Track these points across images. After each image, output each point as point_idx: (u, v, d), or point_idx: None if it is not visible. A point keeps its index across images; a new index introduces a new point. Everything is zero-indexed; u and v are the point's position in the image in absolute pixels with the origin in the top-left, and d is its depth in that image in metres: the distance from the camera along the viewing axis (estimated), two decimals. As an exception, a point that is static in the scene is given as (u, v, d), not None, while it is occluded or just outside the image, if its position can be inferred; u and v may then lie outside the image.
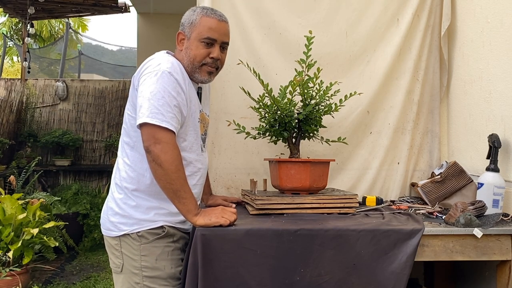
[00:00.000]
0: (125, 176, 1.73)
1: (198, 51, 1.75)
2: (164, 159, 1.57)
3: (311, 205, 1.95)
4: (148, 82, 1.62)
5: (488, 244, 1.80)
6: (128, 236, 1.70)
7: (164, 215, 1.72)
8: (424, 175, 2.53)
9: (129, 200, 1.71)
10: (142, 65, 1.72)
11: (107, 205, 1.79)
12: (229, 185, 2.42)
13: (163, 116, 1.59)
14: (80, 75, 10.09)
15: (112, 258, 1.77)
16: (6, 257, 3.44)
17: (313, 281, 1.67)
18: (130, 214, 1.70)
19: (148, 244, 1.69)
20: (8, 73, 13.25)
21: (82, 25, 14.65)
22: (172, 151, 1.60)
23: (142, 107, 1.60)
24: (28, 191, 4.90)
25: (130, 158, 1.74)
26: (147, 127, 1.59)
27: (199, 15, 1.76)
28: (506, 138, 2.05)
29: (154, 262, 1.69)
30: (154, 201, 1.71)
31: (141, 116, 1.59)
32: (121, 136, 1.81)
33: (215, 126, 2.38)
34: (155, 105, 1.58)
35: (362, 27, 2.46)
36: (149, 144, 1.58)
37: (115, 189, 1.77)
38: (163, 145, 1.58)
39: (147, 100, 1.60)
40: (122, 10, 6.56)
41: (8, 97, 6.69)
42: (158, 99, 1.59)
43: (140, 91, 1.64)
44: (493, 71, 2.16)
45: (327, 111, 2.09)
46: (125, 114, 1.78)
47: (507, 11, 2.06)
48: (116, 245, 1.73)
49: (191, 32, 1.75)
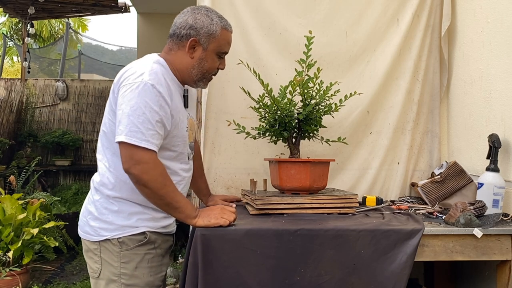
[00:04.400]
0: (106, 181, 1.66)
1: (214, 64, 1.70)
2: (147, 180, 1.52)
3: (311, 205, 1.95)
4: (129, 95, 1.52)
5: (488, 244, 1.80)
6: (109, 241, 1.64)
7: (147, 220, 1.66)
8: (424, 175, 2.53)
9: (110, 205, 1.65)
10: (124, 71, 1.61)
11: (86, 208, 1.71)
12: (229, 185, 2.42)
13: (143, 135, 1.50)
14: (80, 75, 10.09)
15: (89, 262, 1.70)
16: (6, 257, 3.44)
17: (313, 281, 1.67)
18: (111, 220, 1.64)
19: (129, 251, 1.63)
20: (8, 73, 13.24)
21: (82, 25, 14.65)
22: (154, 170, 1.53)
23: (121, 123, 1.52)
24: (28, 191, 4.90)
25: (111, 164, 1.65)
26: (125, 147, 1.52)
27: (219, 27, 1.67)
28: (506, 138, 2.05)
29: (133, 269, 1.64)
30: (137, 206, 1.64)
31: (120, 133, 1.51)
32: (100, 138, 1.71)
33: (215, 126, 2.38)
34: (135, 122, 1.50)
35: (362, 27, 2.46)
36: (128, 166, 1.52)
37: (95, 193, 1.69)
38: (142, 166, 1.51)
39: (127, 116, 1.51)
40: (122, 10, 6.56)
41: (8, 97, 6.70)
42: (138, 116, 1.51)
43: (119, 103, 1.55)
44: (493, 71, 2.16)
45: (327, 111, 2.09)
46: (105, 118, 1.67)
47: (507, 11, 2.06)
48: (95, 249, 1.66)
49: (209, 43, 1.66)
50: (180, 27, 1.66)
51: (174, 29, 1.68)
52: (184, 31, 1.66)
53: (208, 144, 2.38)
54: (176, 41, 1.68)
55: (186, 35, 1.65)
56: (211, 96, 2.37)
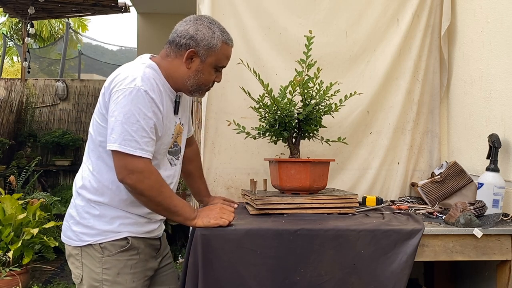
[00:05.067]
0: (88, 185, 1.63)
1: (210, 77, 1.67)
2: (142, 189, 1.51)
3: (311, 205, 1.95)
4: (122, 102, 1.49)
5: (488, 244, 1.80)
6: (90, 246, 1.61)
7: (130, 225, 1.63)
8: (424, 175, 2.53)
9: (91, 209, 1.62)
10: (115, 75, 1.57)
11: (69, 212, 1.69)
12: (229, 185, 2.42)
13: (137, 143, 1.49)
14: (80, 75, 10.09)
15: (71, 267, 1.67)
16: (6, 257, 3.44)
17: (313, 281, 1.67)
18: (93, 225, 1.61)
19: (111, 257, 1.60)
20: (8, 73, 13.25)
21: (82, 25, 14.66)
22: (149, 178, 1.52)
23: (114, 131, 1.49)
24: (28, 191, 4.91)
25: (95, 167, 1.62)
26: (119, 156, 1.50)
27: (220, 41, 1.63)
28: (506, 138, 2.05)
29: (115, 276, 1.61)
30: (119, 210, 1.62)
31: (113, 141, 1.49)
32: (87, 143, 1.68)
33: (215, 126, 2.38)
34: (129, 131, 1.48)
35: (362, 27, 2.46)
36: (123, 176, 1.50)
37: (77, 197, 1.66)
38: (137, 175, 1.49)
39: (120, 124, 1.48)
40: (122, 10, 6.57)
41: (8, 97, 6.70)
42: (132, 124, 1.48)
43: (112, 110, 1.51)
44: (493, 71, 2.16)
45: (327, 111, 2.09)
46: (93, 120, 1.63)
47: (507, 11, 2.06)
48: (77, 255, 1.64)
49: (207, 56, 1.63)
50: (181, 36, 1.62)
51: (174, 36, 1.64)
52: (184, 40, 1.62)
53: (208, 144, 2.38)
54: (175, 49, 1.64)
55: (185, 44, 1.62)
56: (211, 96, 2.37)
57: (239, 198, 2.31)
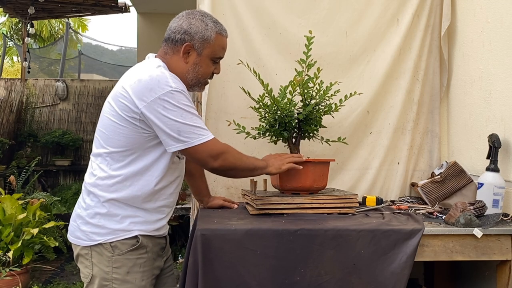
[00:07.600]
0: (101, 183, 1.63)
1: (208, 69, 1.71)
2: (229, 165, 1.68)
3: (311, 205, 1.95)
4: (170, 108, 1.55)
5: (488, 244, 1.80)
6: (101, 246, 1.62)
7: (140, 223, 1.65)
8: (424, 175, 2.53)
9: (101, 209, 1.62)
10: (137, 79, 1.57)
11: (77, 212, 1.69)
12: (229, 185, 2.41)
13: (203, 129, 1.61)
14: (80, 75, 10.09)
15: (80, 267, 1.68)
16: (6, 257, 3.44)
17: (313, 281, 1.67)
18: (104, 224, 1.62)
19: (121, 256, 1.62)
20: (8, 73, 13.25)
21: (82, 25, 14.65)
22: (229, 152, 1.68)
23: (182, 132, 1.57)
24: (28, 191, 4.91)
25: (111, 167, 1.63)
26: (199, 150, 1.60)
27: (214, 33, 1.67)
28: (506, 138, 2.05)
29: (125, 274, 1.62)
30: (129, 209, 1.63)
31: (188, 140, 1.57)
32: (96, 139, 1.67)
33: (215, 126, 2.38)
34: (192, 125, 1.58)
35: (362, 27, 2.46)
36: (212, 164, 1.64)
37: (87, 196, 1.66)
38: (221, 156, 1.65)
39: (182, 125, 1.57)
40: (122, 10, 6.57)
41: (8, 97, 6.70)
42: (190, 118, 1.58)
43: (163, 119, 1.55)
44: (493, 71, 2.16)
45: (327, 111, 2.09)
46: (105, 119, 1.63)
47: (507, 11, 2.06)
48: (87, 254, 1.64)
49: (203, 49, 1.67)
50: (175, 32, 1.66)
51: (169, 33, 1.68)
52: (179, 36, 1.66)
53: (208, 144, 2.38)
54: (171, 45, 1.67)
55: (180, 40, 1.66)
56: (211, 96, 2.37)
57: (239, 198, 2.31)
